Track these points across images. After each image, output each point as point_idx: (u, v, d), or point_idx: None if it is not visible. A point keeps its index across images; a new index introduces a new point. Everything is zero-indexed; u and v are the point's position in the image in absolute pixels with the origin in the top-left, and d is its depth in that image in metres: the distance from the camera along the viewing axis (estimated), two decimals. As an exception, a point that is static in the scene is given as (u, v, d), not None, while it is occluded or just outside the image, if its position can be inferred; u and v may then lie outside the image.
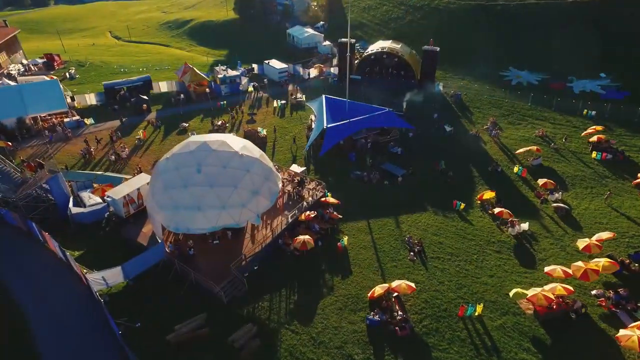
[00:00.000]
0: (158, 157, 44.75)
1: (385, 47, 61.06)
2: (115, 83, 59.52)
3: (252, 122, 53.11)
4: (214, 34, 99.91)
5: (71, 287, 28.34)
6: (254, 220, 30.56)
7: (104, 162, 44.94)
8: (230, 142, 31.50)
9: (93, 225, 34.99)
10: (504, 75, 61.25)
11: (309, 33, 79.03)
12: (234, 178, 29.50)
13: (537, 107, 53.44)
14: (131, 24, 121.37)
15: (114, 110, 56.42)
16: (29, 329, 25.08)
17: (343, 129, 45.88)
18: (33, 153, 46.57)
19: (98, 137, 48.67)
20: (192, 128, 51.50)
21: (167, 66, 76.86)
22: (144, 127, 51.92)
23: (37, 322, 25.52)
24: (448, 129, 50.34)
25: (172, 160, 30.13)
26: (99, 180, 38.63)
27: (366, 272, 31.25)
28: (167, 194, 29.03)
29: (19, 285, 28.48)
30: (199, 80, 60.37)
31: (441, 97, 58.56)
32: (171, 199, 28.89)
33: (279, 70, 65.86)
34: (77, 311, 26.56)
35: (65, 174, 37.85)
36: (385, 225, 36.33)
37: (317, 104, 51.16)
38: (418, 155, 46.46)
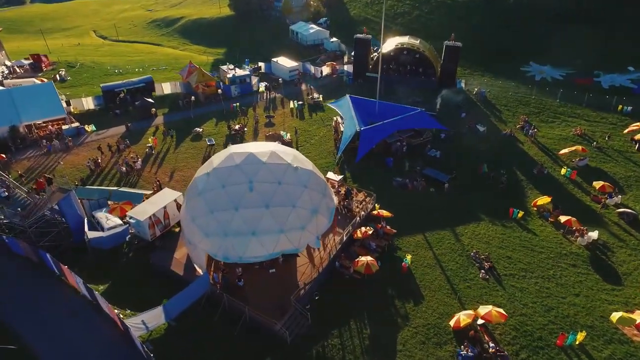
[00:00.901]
0: (175, 168, 39.51)
1: (405, 43, 56.71)
2: (115, 85, 53.34)
3: (270, 125, 48.03)
4: (208, 31, 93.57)
5: (102, 333, 23.12)
6: (314, 243, 25.83)
7: (113, 174, 39.19)
8: (280, 152, 26.64)
9: (113, 251, 29.63)
10: (526, 70, 57.96)
11: (314, 29, 74.04)
12: (291, 196, 24.69)
13: (567, 104, 50.20)
14: (116, 23, 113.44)
15: (116, 115, 50.41)
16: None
17: (378, 132, 41.45)
18: (30, 166, 40.42)
19: (106, 145, 42.78)
20: (207, 133, 46.07)
21: (165, 66, 70.64)
22: (153, 134, 46.22)
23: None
24: (481, 129, 46.51)
25: (216, 176, 25.02)
26: (115, 197, 33.02)
27: (439, 296, 27.00)
28: (213, 218, 24.00)
29: (34, 332, 23.10)
30: (207, 81, 54.79)
31: (465, 95, 54.74)
32: (219, 224, 23.88)
33: (289, 69, 60.76)
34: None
35: (75, 191, 32.14)
36: (443, 238, 32.15)
37: (342, 104, 46.53)
38: (455, 158, 42.46)
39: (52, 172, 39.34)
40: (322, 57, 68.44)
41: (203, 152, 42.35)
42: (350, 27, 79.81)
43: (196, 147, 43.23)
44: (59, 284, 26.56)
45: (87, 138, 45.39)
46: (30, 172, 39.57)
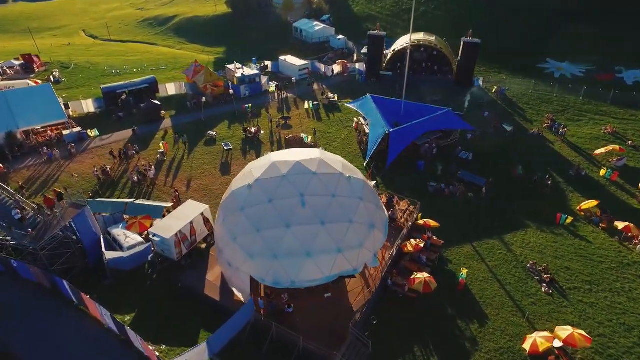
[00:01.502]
0: (191, 176, 35.93)
1: (420, 39, 53.89)
2: (117, 86, 49.20)
3: (287, 127, 44.64)
4: (204, 30, 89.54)
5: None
6: (371, 262, 22.69)
7: (124, 184, 35.37)
8: (329, 160, 23.43)
9: (134, 273, 26.06)
10: (544, 67, 55.75)
11: (320, 26, 70.70)
12: (347, 210, 21.49)
13: (591, 101, 48.05)
14: (106, 22, 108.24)
15: (119, 118, 46.40)
16: None
17: (408, 134, 38.48)
18: (31, 176, 36.31)
19: (114, 151, 38.90)
20: (222, 137, 42.43)
21: (165, 66, 66.48)
22: (163, 138, 42.41)
23: None
24: (508, 129, 43.97)
25: (260, 189, 21.64)
26: (131, 211, 29.28)
27: (504, 314, 24.20)
28: (260, 237, 20.66)
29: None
30: (214, 81, 51.07)
31: (484, 93, 52.25)
32: (267, 244, 20.57)
33: (299, 67, 57.37)
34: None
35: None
36: (493, 248, 29.40)
37: (363, 105, 43.41)
38: (486, 159, 39.78)
39: (56, 183, 35.43)
40: (330, 55, 65.22)
41: (220, 158, 38.77)
42: (354, 24, 76.95)
43: (211, 152, 39.62)
44: (78, 314, 22.97)
45: (91, 144, 41.35)
46: (31, 182, 35.52)
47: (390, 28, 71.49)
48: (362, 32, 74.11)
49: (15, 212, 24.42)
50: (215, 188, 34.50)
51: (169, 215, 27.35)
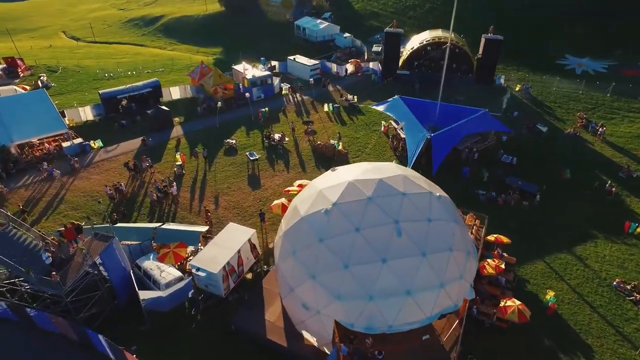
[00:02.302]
0: (218, 191, 31.58)
1: (440, 36, 50.68)
2: (117, 91, 43.99)
3: (311, 132, 40.59)
4: (195, 29, 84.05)
5: None
6: (468, 293, 19.10)
7: (140, 202, 30.68)
8: (410, 176, 19.70)
9: (173, 313, 21.70)
10: (564, 64, 53.47)
11: (324, 24, 66.67)
12: (445, 236, 17.84)
13: (620, 98, 45.87)
14: (87, 23, 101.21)
15: (122, 126, 41.38)
16: None
17: (450, 138, 35.12)
18: (31, 196, 31.20)
19: (124, 164, 34.10)
20: (242, 145, 38.05)
21: (161, 68, 61.21)
22: (176, 148, 37.73)
23: None
24: (543, 129, 41.22)
25: (341, 214, 17.70)
26: (160, 237, 24.73)
27: (609, 344, 21.05)
28: (349, 275, 16.76)
29: None
30: (224, 84, 46.50)
31: (507, 91, 49.51)
32: (359, 282, 16.68)
33: (310, 67, 53.31)
34: None
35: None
36: (568, 264, 26.30)
37: (393, 107, 39.78)
38: (528, 163, 36.82)
39: (61, 203, 30.45)
40: (338, 54, 61.34)
41: (245, 170, 34.45)
42: (357, 22, 73.25)
43: (234, 163, 35.25)
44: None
45: (95, 157, 36.35)
46: (32, 203, 30.43)
47: (397, 26, 68.07)
48: (365, 30, 70.78)
49: (46, 256, 19.59)
50: (248, 205, 30.23)
51: (211, 243, 23.08)
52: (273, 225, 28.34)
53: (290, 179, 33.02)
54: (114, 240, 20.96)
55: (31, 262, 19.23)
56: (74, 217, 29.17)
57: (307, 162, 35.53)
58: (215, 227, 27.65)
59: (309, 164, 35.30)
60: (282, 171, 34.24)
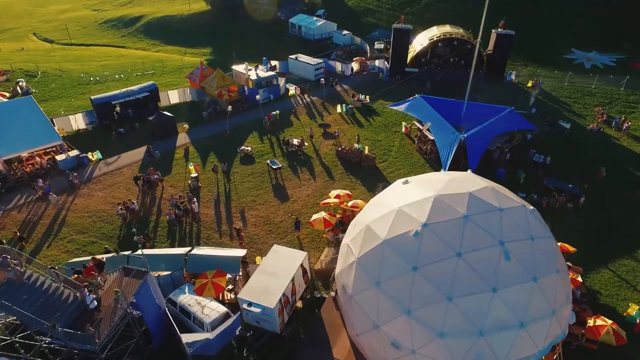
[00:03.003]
0: (242, 205, 28.36)
1: (451, 32, 48.67)
2: (111, 96, 39.88)
3: (330, 136, 37.72)
4: (180, 30, 79.56)
5: None
6: (570, 317, 16.74)
7: (155, 222, 27.07)
8: (497, 187, 17.24)
9: (220, 356, 18.49)
10: (571, 58, 52.50)
11: (321, 22, 63.74)
12: (549, 255, 15.46)
13: (635, 92, 45.03)
14: (59, 25, 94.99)
15: (120, 135, 37.45)
16: None
17: (482, 138, 33.01)
18: (27, 219, 27.15)
19: (132, 179, 30.36)
20: (259, 152, 34.81)
21: (151, 70, 56.96)
22: (185, 157, 34.15)
23: None
24: (566, 126, 39.74)
25: (435, 237, 15.00)
26: (192, 265, 21.29)
27: None
28: (454, 308, 14.08)
29: None
30: (228, 86, 43.00)
31: (519, 88, 48.07)
32: (467, 316, 14.05)
33: (315, 67, 50.39)
34: None
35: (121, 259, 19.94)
36: (634, 270, 24.49)
37: (414, 107, 37.31)
38: (560, 161, 35.13)
39: (63, 226, 26.54)
40: (339, 53, 58.58)
41: (268, 180, 31.27)
42: (351, 19, 70.57)
43: (254, 173, 32.01)
44: None
45: (95, 170, 32.38)
46: (29, 228, 26.39)
47: (392, 22, 65.91)
48: (361, 27, 68.15)
49: (90, 299, 15.90)
50: (279, 220, 27.13)
51: (259, 271, 19.94)
52: (312, 242, 25.44)
53: (320, 189, 30.12)
54: (149, 276, 17.57)
55: (52, 308, 15.64)
56: (81, 241, 25.40)
57: (332, 169, 32.67)
58: (247, 247, 24.47)
59: (336, 171, 32.45)
60: (308, 180, 31.26)
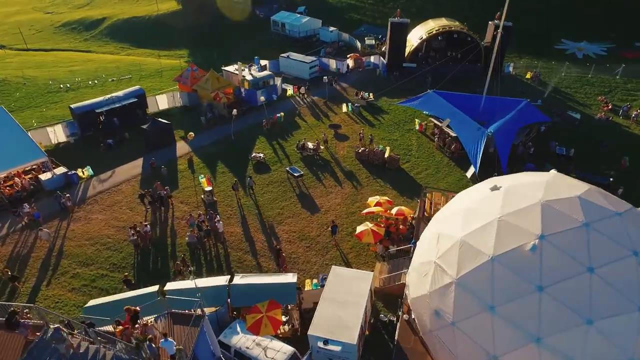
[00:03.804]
0: (270, 220, 25.31)
1: (451, 25, 47.31)
2: (94, 104, 35.43)
3: (344, 137, 35.11)
4: (151, 31, 74.21)
5: None
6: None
7: (175, 247, 23.51)
8: (594, 187, 15.33)
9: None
10: (563, 49, 52.61)
11: (306, 19, 60.89)
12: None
13: (631, 80, 45.40)
14: (9, 28, 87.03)
15: (109, 146, 33.27)
16: None
17: (508, 132, 31.56)
18: (15, 253, 22.90)
19: (137, 197, 26.43)
20: (271, 159, 31.66)
21: (128, 75, 52.22)
22: (189, 166, 30.51)
23: None
24: (577, 117, 39.21)
25: (558, 249, 12.74)
26: (237, 298, 18.00)
27: None
28: (595, 333, 11.92)
29: None
30: (224, 88, 39.48)
31: (518, 80, 47.51)
32: (611, 342, 11.94)
33: (310, 65, 47.61)
34: None
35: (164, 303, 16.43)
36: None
37: (427, 103, 35.37)
38: (579, 153, 34.32)
39: (62, 258, 22.50)
40: (328, 50, 56.05)
41: (291, 189, 28.23)
42: (334, 15, 68.18)
43: (273, 182, 28.89)
44: None
45: (88, 189, 28.19)
46: (19, 264, 22.16)
47: (380, 17, 64.43)
48: (345, 23, 65.76)
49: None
50: (315, 234, 24.26)
51: (324, 299, 17.07)
52: (358, 257, 22.81)
53: (349, 196, 27.51)
54: (205, 323, 14.36)
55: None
56: (87, 275, 21.51)
57: (356, 173, 30.11)
58: (290, 269, 21.52)
59: (360, 175, 29.91)
60: (334, 187, 28.53)
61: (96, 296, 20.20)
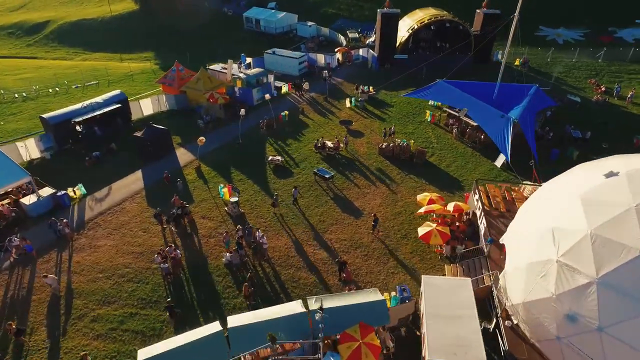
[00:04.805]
0: (316, 229, 22.48)
1: (441, 15, 46.31)
2: (70, 113, 30.64)
3: (357, 134, 32.68)
4: (107, 34, 67.94)
5: None
6: None
7: (206, 269, 20.01)
8: None
9: None
10: (543, 35, 53.46)
11: (282, 14, 57.82)
12: None
13: (613, 62, 46.72)
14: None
15: (96, 160, 28.79)
16: None
17: (529, 118, 30.67)
18: (7, 299, 18.40)
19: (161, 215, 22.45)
20: (291, 161, 28.65)
21: (94, 81, 46.75)
22: (199, 177, 26.81)
23: None
24: (577, 100, 39.48)
25: None
26: (329, 326, 15.04)
27: None
28: None
29: None
30: (217, 87, 35.75)
31: (507, 67, 47.37)
32: None
33: (299, 60, 44.80)
34: None
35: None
36: None
37: (438, 93, 33.93)
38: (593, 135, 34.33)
39: (74, 297, 18.37)
40: (310, 45, 53.46)
41: (323, 192, 25.37)
42: (306, 10, 65.60)
43: (299, 186, 25.77)
44: None
45: (84, 211, 23.80)
46: (20, 312, 17.77)
47: (358, 10, 62.76)
48: (321, 18, 63.34)
49: None
50: (368, 240, 21.64)
51: (430, 316, 14.57)
52: (423, 261, 20.50)
53: (388, 195, 25.18)
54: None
55: None
56: (112, 317, 17.58)
57: (386, 170, 27.80)
58: (356, 283, 18.83)
59: (391, 172, 27.64)
60: (367, 186, 26.04)
61: (130, 341, 16.47)
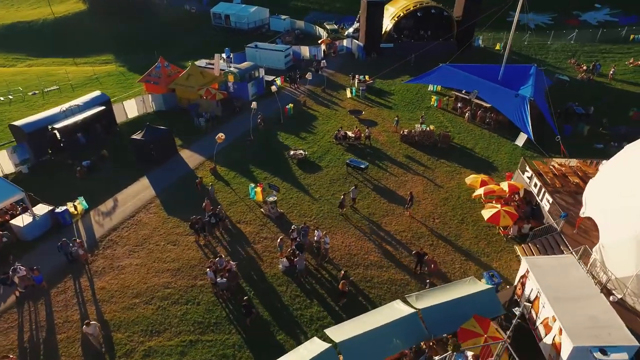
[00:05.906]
0: (365, 223, 20.67)
1: (425, 1, 45.89)
2: (46, 119, 26.45)
3: (369, 123, 31.04)
4: (50, 38, 61.55)
5: None
6: None
7: (262, 279, 17.43)
8: None
9: None
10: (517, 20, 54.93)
11: (254, 8, 55.00)
12: None
13: (585, 43, 48.86)
14: None
15: (87, 169, 25.03)
16: None
17: (540, 96, 30.81)
18: (26, 342, 14.88)
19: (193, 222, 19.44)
20: (313, 154, 26.39)
21: (54, 86, 41.58)
22: (216, 179, 23.93)
23: None
24: (565, 79, 40.60)
25: None
26: (434, 325, 13.00)
27: None
28: None
29: None
30: (210, 83, 32.68)
31: (488, 52, 48.22)
32: None
33: (285, 53, 42.49)
34: None
35: None
36: None
37: (443, 77, 33.56)
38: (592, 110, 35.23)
39: (112, 331, 15.21)
40: (288, 38, 51.21)
41: (362, 184, 23.34)
42: (275, 3, 63.16)
43: (334, 180, 23.54)
44: None
45: (92, 229, 20.23)
46: (42, 354, 14.34)
47: (324, 3, 61.35)
48: (291, 11, 61.21)
49: None
50: (425, 230, 20.03)
51: (553, 299, 13.14)
52: (490, 244, 19.23)
53: (426, 182, 23.81)
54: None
55: None
56: (169, 349, 14.66)
57: (415, 156, 26.45)
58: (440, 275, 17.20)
59: (421, 158, 26.32)
60: (403, 174, 24.48)
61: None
